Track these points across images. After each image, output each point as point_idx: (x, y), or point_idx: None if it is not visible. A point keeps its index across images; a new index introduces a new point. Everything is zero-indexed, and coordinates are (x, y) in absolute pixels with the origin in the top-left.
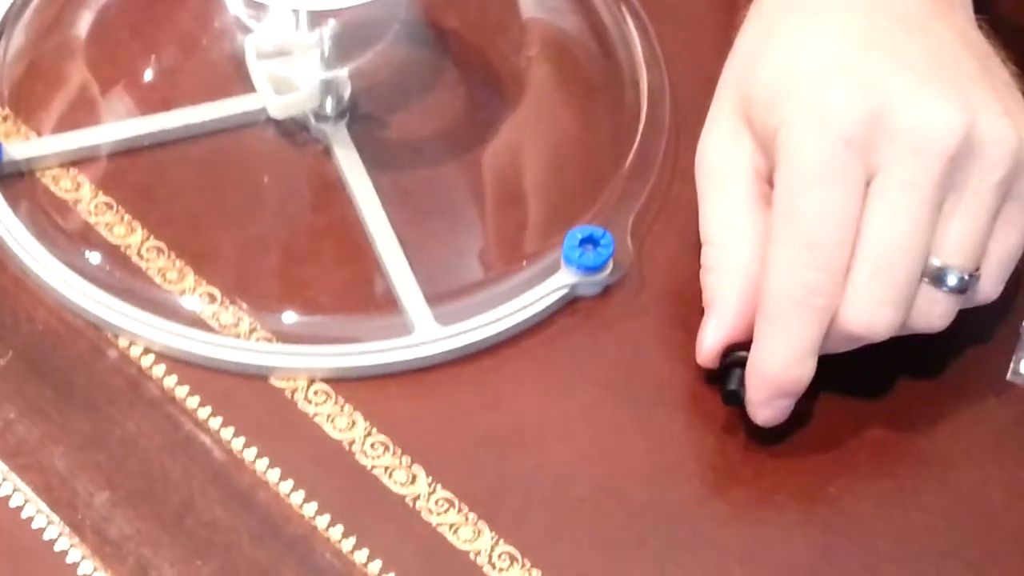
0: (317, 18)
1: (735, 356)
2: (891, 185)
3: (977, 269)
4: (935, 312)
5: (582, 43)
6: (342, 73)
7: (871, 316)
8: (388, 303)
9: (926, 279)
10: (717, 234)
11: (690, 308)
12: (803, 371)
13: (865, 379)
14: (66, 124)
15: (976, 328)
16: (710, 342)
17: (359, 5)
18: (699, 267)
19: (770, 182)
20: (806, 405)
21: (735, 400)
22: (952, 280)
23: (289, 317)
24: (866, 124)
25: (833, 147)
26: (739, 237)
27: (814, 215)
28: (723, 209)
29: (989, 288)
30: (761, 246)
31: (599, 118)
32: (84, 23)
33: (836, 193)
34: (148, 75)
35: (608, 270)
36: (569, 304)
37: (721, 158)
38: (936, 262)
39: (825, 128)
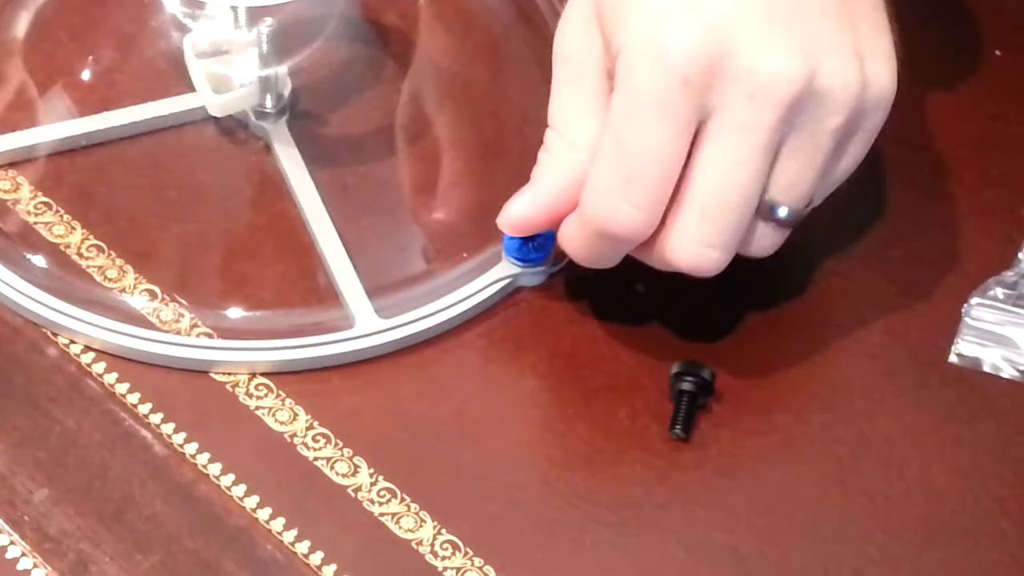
0: (254, 16)
1: (683, 384)
2: (726, 129)
3: (809, 204)
4: (764, 244)
5: (523, 39)
6: (281, 70)
7: (697, 256)
8: (329, 297)
9: (758, 214)
10: (561, 125)
11: (632, 297)
12: (603, 264)
13: (806, 363)
14: (3, 126)
15: (918, 311)
16: (515, 211)
17: (295, 2)
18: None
19: None
20: (747, 390)
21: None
22: (783, 214)
23: (231, 312)
24: (705, 65)
25: (668, 85)
26: (580, 135)
27: (639, 150)
28: (571, 103)
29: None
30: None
31: (536, 112)
32: (21, 25)
33: (664, 131)
34: (86, 75)
35: (550, 261)
36: (512, 295)
37: (575, 51)
38: (768, 197)
39: (662, 64)
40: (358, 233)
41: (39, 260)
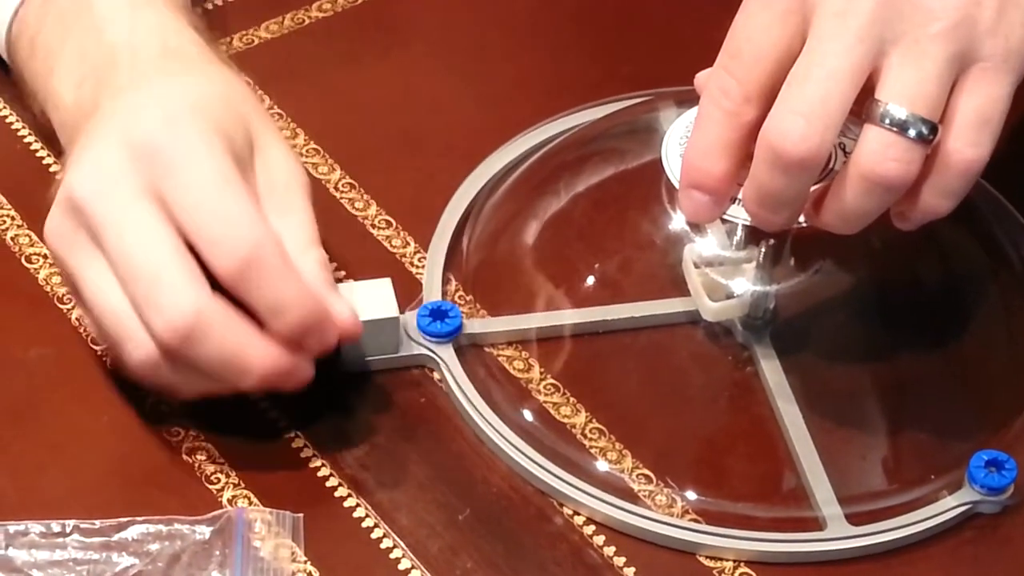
0: (755, 236)
1: None
2: (822, 18)
3: (939, 122)
4: (889, 155)
5: (990, 275)
6: (772, 288)
7: (783, 124)
8: (802, 499)
9: (869, 119)
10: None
11: None
12: (710, 167)
13: None
14: (520, 308)
15: None
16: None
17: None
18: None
19: None
20: None
21: None
22: (898, 115)
23: (715, 501)
24: None
25: None
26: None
27: (741, 31)
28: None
29: (965, 147)
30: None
31: (1004, 350)
32: (532, 230)
33: (764, 17)
34: (592, 273)
35: (1010, 492)
36: (969, 519)
37: None
38: (879, 98)
39: None
40: (831, 442)
41: (549, 437)
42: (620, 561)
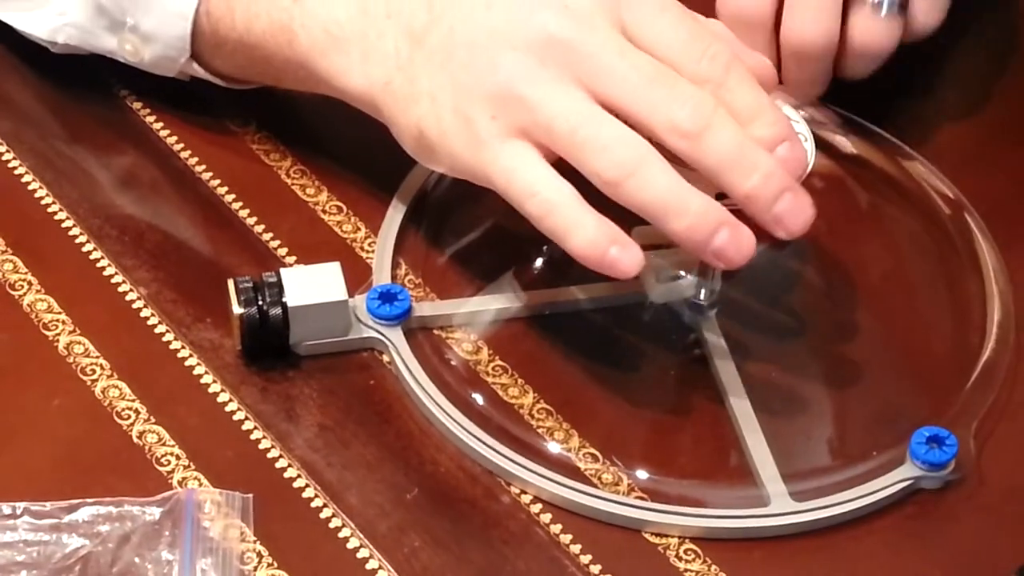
0: None
1: None
2: None
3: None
4: (875, 29)
5: (933, 258)
6: (718, 268)
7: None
8: (746, 476)
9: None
10: None
11: None
12: None
13: None
14: (466, 292)
15: None
16: None
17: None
18: None
19: None
20: None
21: None
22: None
23: (661, 479)
24: None
25: None
26: None
27: None
28: None
29: (923, 16)
30: None
31: (946, 329)
32: (483, 210)
33: None
34: (540, 255)
35: (951, 468)
36: (912, 495)
37: None
38: None
39: None
40: (776, 421)
41: (497, 417)
42: (567, 539)
